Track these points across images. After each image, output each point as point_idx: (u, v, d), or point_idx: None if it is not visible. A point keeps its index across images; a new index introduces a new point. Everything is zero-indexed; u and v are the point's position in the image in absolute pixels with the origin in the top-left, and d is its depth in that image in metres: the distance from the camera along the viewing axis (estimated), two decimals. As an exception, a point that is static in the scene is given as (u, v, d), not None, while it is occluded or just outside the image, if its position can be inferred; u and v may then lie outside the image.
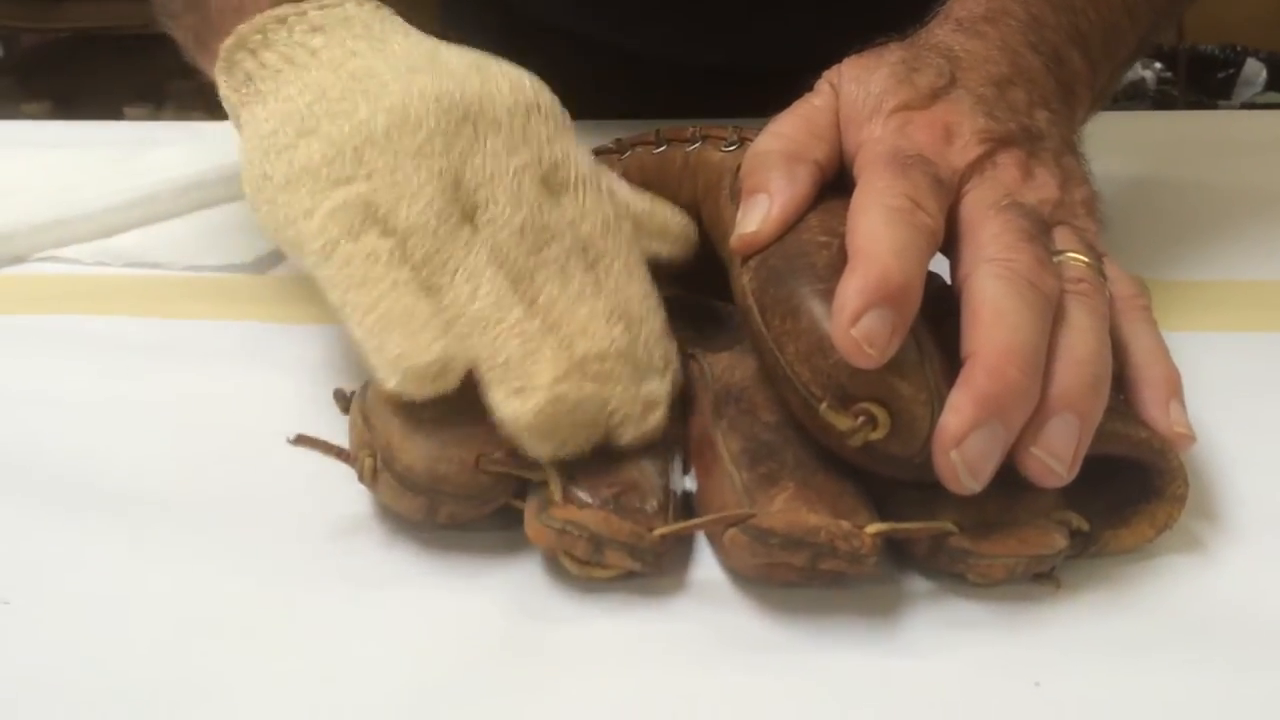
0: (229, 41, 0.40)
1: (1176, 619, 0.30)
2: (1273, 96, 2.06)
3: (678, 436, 0.36)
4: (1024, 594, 0.31)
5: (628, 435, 0.33)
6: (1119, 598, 0.31)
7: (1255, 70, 2.07)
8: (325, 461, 0.33)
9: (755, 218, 0.34)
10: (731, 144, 0.41)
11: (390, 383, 0.31)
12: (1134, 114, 0.64)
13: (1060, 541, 0.30)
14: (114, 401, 0.41)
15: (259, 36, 0.40)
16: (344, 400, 0.35)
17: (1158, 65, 2.01)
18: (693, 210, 0.42)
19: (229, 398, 0.41)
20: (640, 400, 0.33)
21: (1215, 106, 2.00)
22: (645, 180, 0.43)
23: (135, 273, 0.51)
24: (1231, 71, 2.07)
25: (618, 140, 0.45)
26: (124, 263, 0.52)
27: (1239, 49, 2.07)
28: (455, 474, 0.32)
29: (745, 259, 0.35)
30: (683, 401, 0.37)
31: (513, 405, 0.31)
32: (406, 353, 0.31)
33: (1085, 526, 0.31)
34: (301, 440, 0.33)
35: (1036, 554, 0.30)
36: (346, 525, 0.34)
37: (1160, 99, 2.01)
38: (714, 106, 0.61)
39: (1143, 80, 1.95)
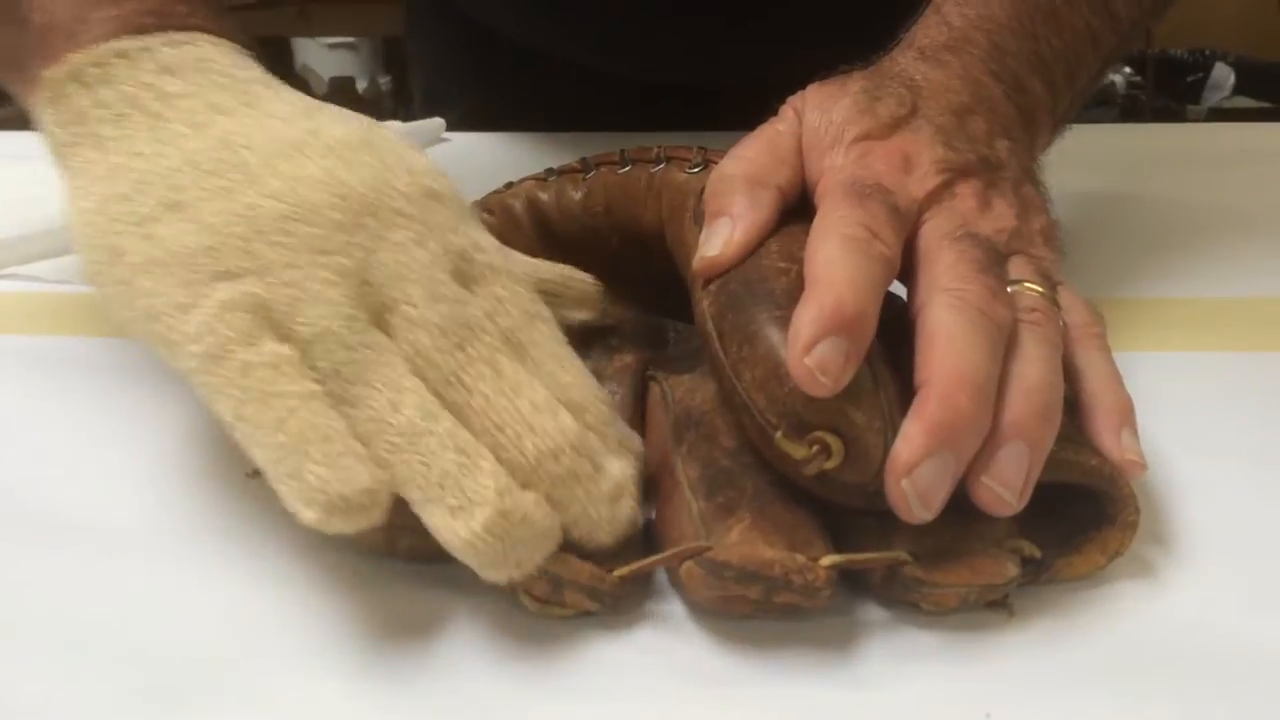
0: (59, 71, 0.35)
1: (1128, 646, 0.30)
2: (1241, 100, 2.08)
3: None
4: (977, 622, 0.31)
5: (605, 538, 0.31)
6: (1071, 625, 0.31)
7: (1224, 74, 2.09)
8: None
9: (717, 241, 0.35)
10: (696, 165, 0.42)
11: (307, 515, 0.28)
12: (1097, 127, 0.65)
13: (1012, 570, 0.31)
14: (78, 426, 0.40)
15: (97, 70, 0.35)
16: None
17: (1126, 70, 2.03)
18: (657, 230, 0.42)
19: (190, 422, 0.41)
20: (605, 496, 0.31)
21: (1184, 110, 2.03)
22: (610, 200, 0.44)
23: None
24: (1200, 75, 2.10)
25: (582, 159, 0.45)
26: (85, 280, 0.51)
27: (1207, 53, 2.09)
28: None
29: (706, 282, 0.35)
30: (643, 426, 0.37)
31: (453, 527, 0.28)
32: (326, 481, 0.28)
33: (1038, 554, 0.32)
34: (258, 474, 0.32)
35: (989, 583, 0.31)
36: (307, 555, 0.34)
37: (1129, 103, 2.03)
38: (677, 122, 0.62)
39: (1111, 85, 1.97)
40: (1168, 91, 2.05)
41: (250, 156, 0.33)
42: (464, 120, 0.71)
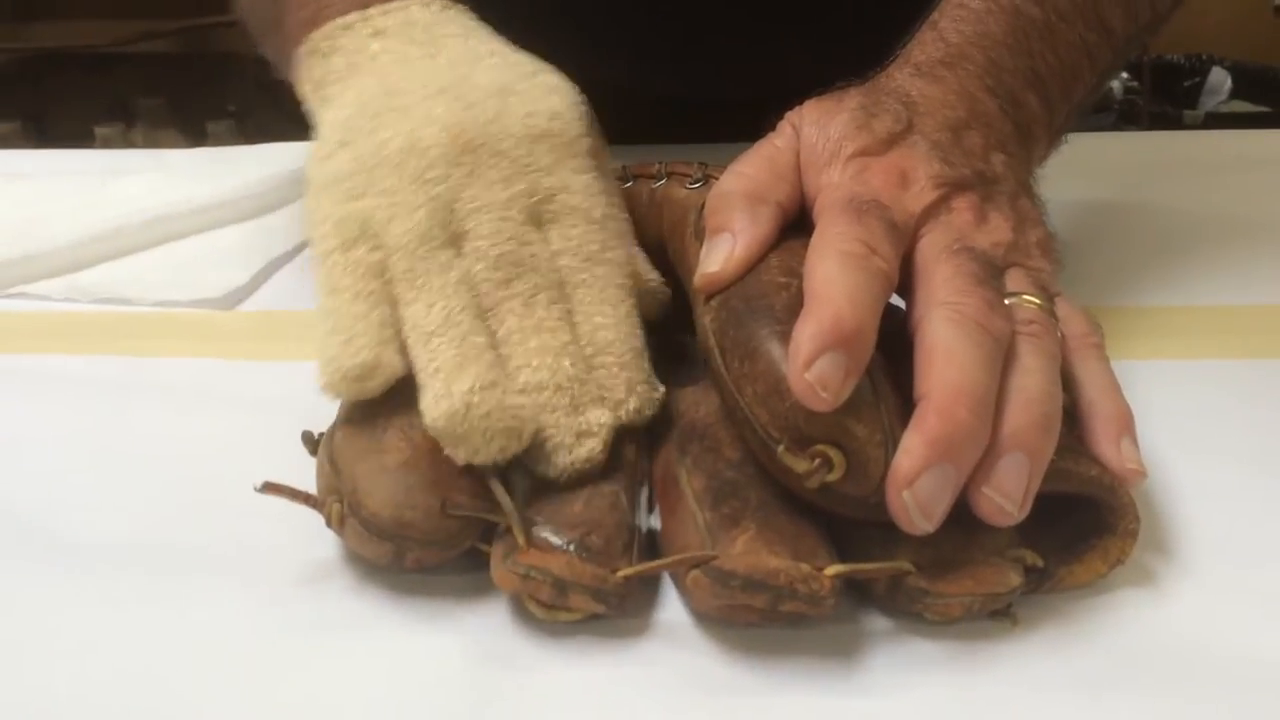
0: (302, 49, 0.43)
1: (1130, 654, 0.31)
2: (1238, 105, 2.09)
3: (644, 473, 0.36)
4: (981, 631, 0.31)
5: (560, 462, 0.34)
6: (1074, 634, 0.31)
7: (1220, 79, 2.10)
8: (294, 504, 0.33)
9: (719, 257, 0.35)
10: (696, 181, 0.42)
11: (319, 382, 0.34)
12: (1094, 135, 0.65)
13: (1015, 579, 0.31)
14: (80, 444, 0.41)
15: (327, 43, 0.42)
16: (312, 443, 0.35)
17: (1124, 75, 2.03)
18: (659, 245, 0.42)
19: (197, 439, 0.41)
20: (574, 429, 0.34)
21: (1181, 116, 2.03)
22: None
23: (104, 309, 0.51)
24: (1197, 80, 2.10)
25: (585, 175, 0.46)
26: (92, 299, 0.52)
27: (1204, 58, 2.10)
28: (421, 520, 0.32)
29: (708, 298, 0.35)
30: (649, 437, 0.37)
31: (428, 407, 0.32)
32: (338, 355, 0.34)
33: (1040, 563, 0.32)
34: (269, 488, 0.33)
35: (992, 592, 0.31)
36: (315, 569, 0.34)
37: (1126, 108, 2.03)
38: (678, 134, 0.62)
39: (1109, 90, 1.97)
40: (1165, 96, 2.06)
41: (405, 100, 0.39)
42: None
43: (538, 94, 0.40)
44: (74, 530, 0.36)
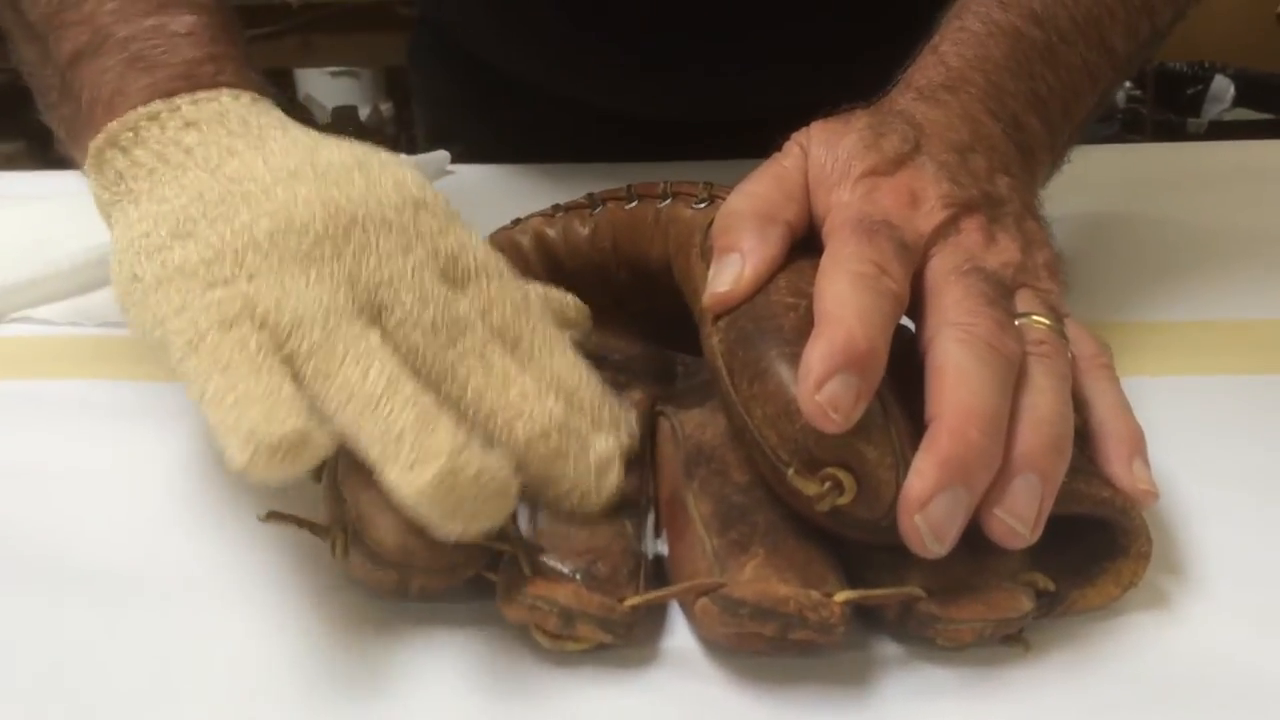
0: (99, 139, 0.39)
1: (1144, 678, 0.30)
2: (1242, 113, 2.09)
3: (649, 498, 0.36)
4: (993, 657, 0.31)
5: (591, 506, 0.33)
6: (1087, 658, 0.31)
7: (1223, 86, 2.10)
8: (299, 533, 0.33)
9: (728, 277, 0.35)
10: (702, 201, 0.42)
11: (239, 459, 0.29)
12: (1097, 148, 0.65)
13: (1027, 604, 0.31)
14: (86, 469, 0.40)
15: (130, 134, 0.38)
16: (316, 471, 0.35)
17: (1127, 83, 2.03)
18: (664, 265, 0.42)
19: (203, 464, 0.41)
20: (593, 469, 0.33)
21: (1184, 123, 2.03)
22: (617, 235, 0.44)
23: (109, 333, 0.51)
24: (1200, 88, 2.10)
25: (589, 195, 0.46)
26: (97, 323, 0.51)
27: (1207, 65, 2.10)
28: (425, 548, 0.32)
29: (716, 318, 0.35)
30: (654, 461, 0.37)
31: (407, 479, 0.29)
32: (259, 426, 0.29)
33: (1052, 587, 0.32)
34: (273, 516, 0.33)
35: (1004, 617, 0.31)
36: (319, 598, 0.34)
37: (1130, 116, 2.04)
38: (679, 154, 0.62)
39: (1112, 100, 1.97)
40: (1168, 105, 2.06)
41: (252, 186, 0.36)
42: (469, 153, 0.71)
43: (392, 167, 0.38)
44: (79, 556, 0.36)
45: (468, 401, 0.33)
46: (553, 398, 0.33)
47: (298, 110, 0.43)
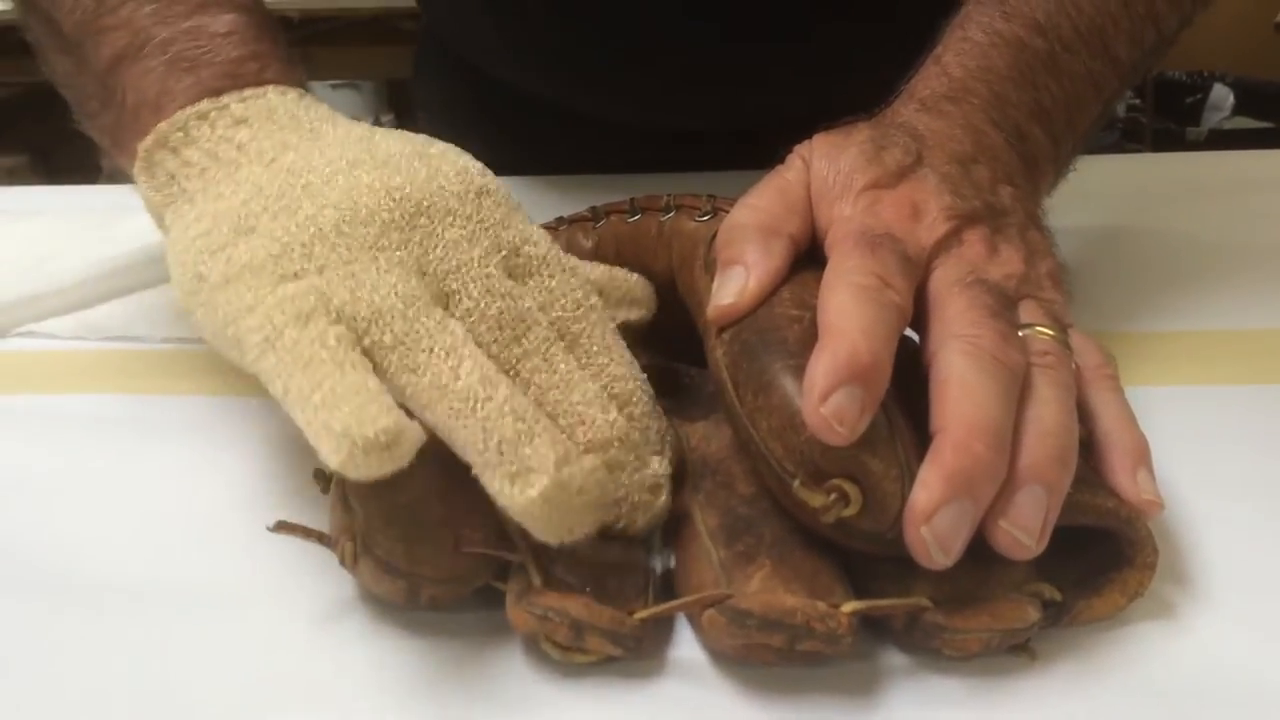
0: (148, 140, 0.38)
1: (1150, 688, 0.31)
2: (1241, 121, 2.09)
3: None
4: (1000, 666, 0.31)
5: (639, 522, 0.33)
6: (1093, 668, 0.31)
7: (1223, 95, 2.10)
8: (307, 543, 0.33)
9: (732, 289, 0.35)
10: (705, 214, 0.42)
11: (335, 460, 0.29)
12: (1096, 158, 0.65)
13: (1033, 614, 0.31)
14: (90, 484, 0.41)
15: (180, 134, 0.38)
16: (324, 480, 0.35)
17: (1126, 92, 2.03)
18: (668, 278, 0.42)
19: (209, 477, 0.41)
20: (646, 485, 0.33)
21: (1184, 133, 2.03)
22: (620, 248, 0.44)
23: (113, 346, 0.51)
24: (1199, 97, 2.10)
25: (592, 208, 0.46)
26: (101, 336, 0.52)
27: (1206, 74, 2.10)
28: (435, 558, 0.32)
29: (720, 330, 0.35)
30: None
31: (514, 492, 0.29)
32: (352, 426, 0.29)
33: (1058, 597, 0.32)
34: (281, 527, 0.33)
35: (1010, 628, 0.31)
36: (328, 608, 0.34)
37: (1129, 125, 2.04)
38: (682, 164, 0.63)
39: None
40: (1167, 113, 2.06)
41: (312, 178, 0.36)
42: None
43: (452, 155, 0.38)
44: (85, 569, 0.36)
45: (535, 400, 0.32)
46: (615, 407, 0.33)
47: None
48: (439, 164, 0.37)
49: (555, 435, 0.30)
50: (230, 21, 0.41)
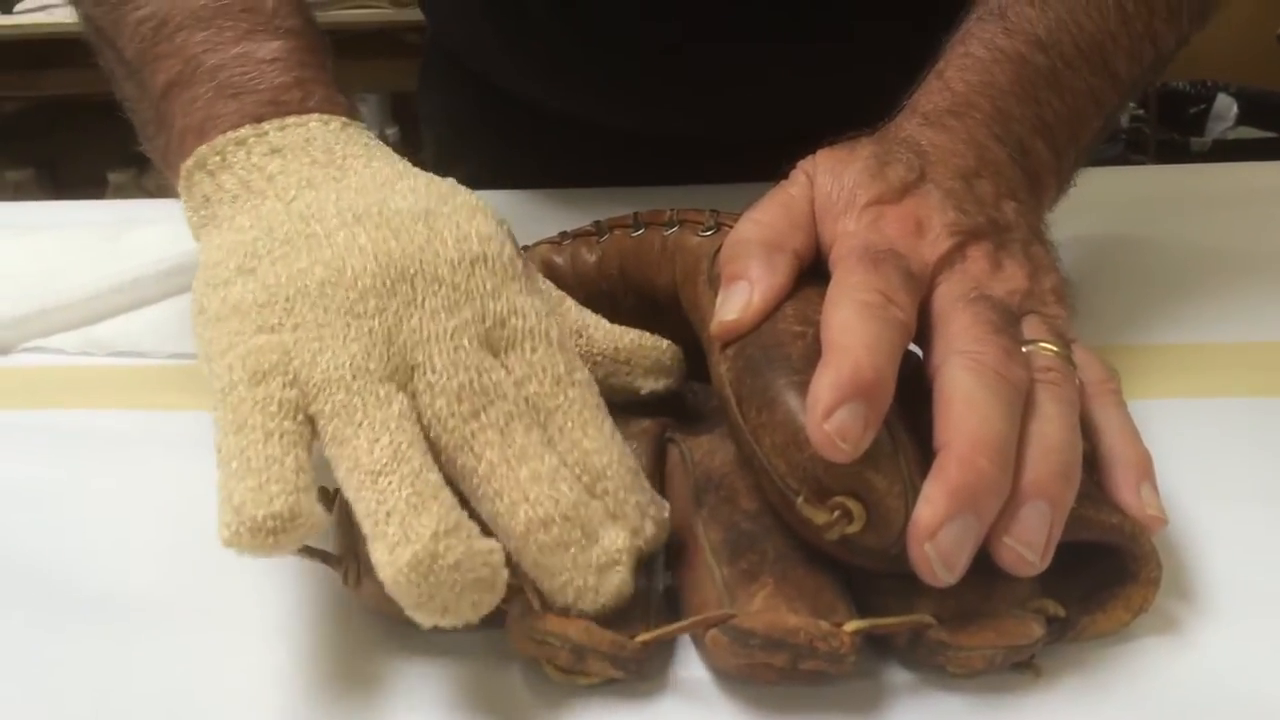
0: (189, 162, 0.39)
1: (1155, 704, 0.30)
2: (1245, 131, 2.09)
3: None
4: (1004, 684, 0.31)
5: (585, 606, 0.31)
6: (1098, 684, 0.31)
7: (1226, 105, 2.10)
8: (310, 562, 0.33)
9: (736, 305, 0.35)
10: (708, 228, 0.42)
11: (224, 535, 0.29)
12: (1101, 170, 0.65)
13: (1037, 631, 0.31)
14: (95, 499, 0.41)
15: (217, 158, 0.39)
16: (328, 498, 0.35)
17: (1130, 103, 2.03)
18: (671, 293, 0.42)
19: (213, 493, 0.41)
20: (593, 564, 0.31)
21: (1188, 143, 2.03)
22: (624, 263, 0.44)
23: (119, 362, 0.51)
24: (1203, 107, 2.11)
25: (596, 223, 0.46)
26: (108, 352, 0.52)
27: (1209, 84, 2.11)
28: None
29: (724, 346, 0.35)
30: (663, 489, 0.37)
31: (385, 561, 0.28)
32: (245, 502, 0.29)
33: (1062, 613, 0.32)
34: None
35: (1014, 644, 0.31)
36: (331, 627, 0.34)
37: (1133, 136, 2.04)
38: (688, 175, 0.63)
39: (1117, 122, 1.97)
40: (1171, 124, 2.07)
41: (318, 228, 0.36)
42: (476, 177, 0.71)
43: (462, 216, 0.37)
44: (90, 585, 0.36)
45: (480, 476, 0.31)
46: (566, 484, 0.31)
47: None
48: (442, 226, 0.36)
49: (449, 512, 0.29)
50: (277, 49, 0.41)
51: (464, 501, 0.31)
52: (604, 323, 0.39)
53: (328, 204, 0.37)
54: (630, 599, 0.31)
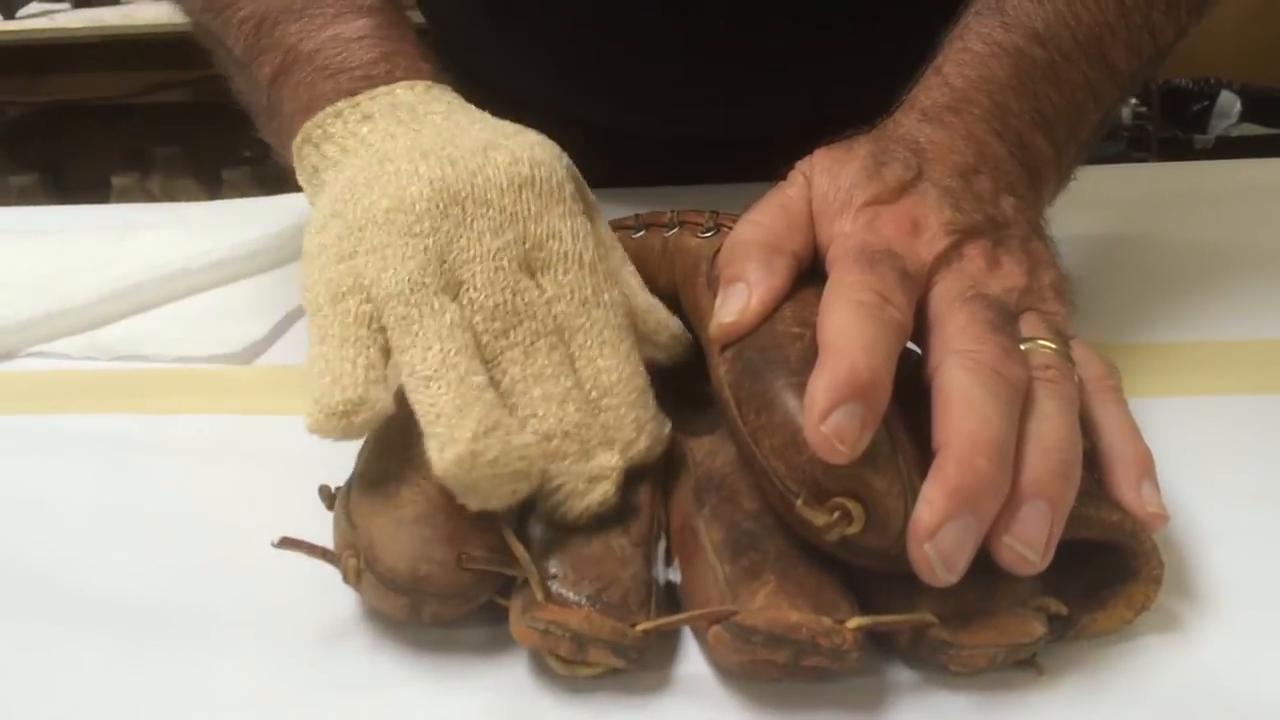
0: (298, 139, 0.44)
1: (1158, 701, 0.30)
2: (1248, 128, 2.08)
3: (661, 523, 0.36)
4: (1006, 682, 0.31)
5: (574, 509, 0.33)
6: (1100, 682, 0.31)
7: (1229, 102, 2.10)
8: (311, 559, 0.33)
9: (735, 307, 0.35)
10: (708, 230, 0.42)
11: (306, 424, 0.33)
12: (1102, 168, 0.65)
13: (1039, 629, 0.31)
14: (101, 503, 0.41)
15: (320, 131, 0.43)
16: (329, 497, 0.35)
17: (1132, 100, 2.03)
18: (671, 294, 0.42)
19: (216, 495, 0.41)
20: (585, 475, 0.34)
21: (1191, 140, 2.03)
22: (624, 265, 0.44)
23: (123, 366, 0.51)
24: (1206, 104, 2.10)
25: (597, 225, 0.46)
26: (112, 356, 0.52)
27: (1212, 81, 2.10)
28: (437, 574, 0.32)
29: (723, 348, 0.35)
30: (665, 486, 0.37)
31: (437, 457, 0.32)
32: (323, 394, 0.33)
33: (1064, 611, 0.32)
34: (286, 543, 0.33)
35: (1016, 642, 0.31)
36: (333, 624, 0.34)
37: (1136, 134, 2.04)
38: (689, 175, 0.63)
39: (1117, 116, 1.97)
40: (1174, 121, 2.06)
41: (390, 167, 0.40)
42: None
43: (520, 146, 0.40)
44: (94, 588, 0.36)
45: (503, 390, 0.35)
46: (574, 405, 0.35)
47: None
48: (497, 155, 0.39)
49: (488, 412, 0.33)
50: (363, 26, 0.46)
51: None
52: (634, 280, 0.41)
53: (401, 148, 0.40)
54: (613, 511, 0.34)
